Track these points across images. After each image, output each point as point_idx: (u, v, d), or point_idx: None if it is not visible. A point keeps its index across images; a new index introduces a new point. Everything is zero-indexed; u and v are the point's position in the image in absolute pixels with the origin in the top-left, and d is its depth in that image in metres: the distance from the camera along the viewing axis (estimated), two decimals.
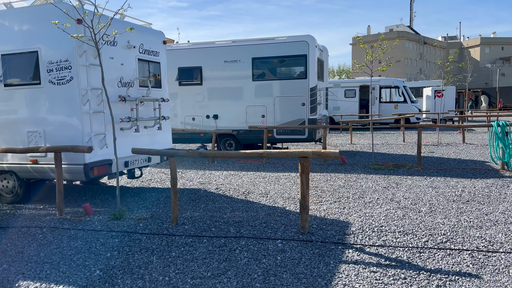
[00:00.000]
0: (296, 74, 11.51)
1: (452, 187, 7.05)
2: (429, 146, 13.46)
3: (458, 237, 4.45)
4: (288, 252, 4.09)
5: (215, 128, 12.10)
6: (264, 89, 11.72)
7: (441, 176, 8.11)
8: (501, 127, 8.56)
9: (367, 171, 8.91)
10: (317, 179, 8.16)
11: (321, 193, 6.84)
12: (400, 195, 6.58)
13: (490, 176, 8.00)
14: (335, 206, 5.92)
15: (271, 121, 11.66)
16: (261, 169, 9.61)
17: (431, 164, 9.69)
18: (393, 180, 7.81)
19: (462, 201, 6.07)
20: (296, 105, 11.47)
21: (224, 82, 12.05)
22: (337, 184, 7.61)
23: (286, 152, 4.56)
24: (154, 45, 7.34)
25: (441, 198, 6.28)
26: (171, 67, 12.40)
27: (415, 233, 4.60)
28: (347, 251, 4.10)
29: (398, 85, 23.37)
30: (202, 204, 6.19)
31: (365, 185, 7.46)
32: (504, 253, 3.98)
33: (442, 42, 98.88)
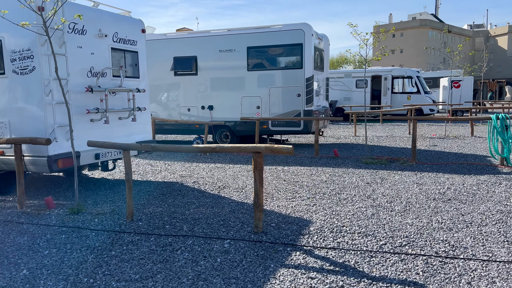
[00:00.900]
0: (291, 63, 11.15)
1: (439, 184, 6.65)
2: (433, 139, 12.91)
3: (421, 240, 4.12)
4: (232, 253, 3.86)
5: (210, 119, 11.91)
6: (259, 79, 11.41)
7: (433, 172, 7.68)
8: (500, 120, 8.03)
9: (357, 166, 8.55)
10: (302, 173, 7.87)
11: (298, 189, 6.56)
12: (380, 191, 6.24)
13: (486, 172, 7.53)
14: (306, 203, 5.65)
15: (266, 113, 11.37)
16: (250, 162, 9.38)
17: (428, 159, 9.23)
18: (380, 175, 7.45)
19: (443, 200, 5.69)
20: (291, 96, 11.14)
21: (219, 72, 11.80)
22: (320, 179, 7.30)
23: (239, 147, 4.31)
24: (131, 34, 7.15)
25: (422, 196, 5.91)
26: (167, 57, 12.26)
27: (375, 235, 4.29)
28: (294, 253, 3.85)
29: (411, 75, 22.57)
30: (170, 199, 6.02)
31: (348, 180, 7.13)
32: (463, 260, 3.64)
33: (468, 30, 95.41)
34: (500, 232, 4.36)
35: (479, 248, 3.92)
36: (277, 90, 11.24)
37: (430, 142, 12.31)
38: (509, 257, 3.70)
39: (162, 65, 12.26)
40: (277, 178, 7.44)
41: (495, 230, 4.43)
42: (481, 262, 3.61)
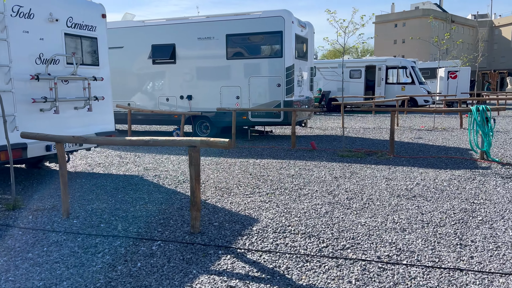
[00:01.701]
0: (271, 52, 10.75)
1: (409, 179, 6.31)
2: (420, 131, 12.52)
3: (367, 243, 3.80)
4: (156, 257, 3.55)
5: (189, 110, 11.56)
6: (238, 68, 11.03)
7: (408, 166, 7.33)
8: (480, 112, 7.64)
9: (332, 159, 8.21)
10: (272, 166, 7.54)
11: (261, 183, 6.24)
12: (344, 187, 5.91)
13: (463, 167, 7.17)
14: (262, 199, 5.33)
15: (246, 103, 11.01)
16: (230, 154, 9.05)
17: (408, 152, 8.87)
18: (352, 169, 7.11)
19: (407, 196, 5.35)
20: (271, 86, 10.76)
21: (198, 60, 11.41)
22: (288, 173, 6.97)
23: (174, 140, 3.97)
24: (88, 19, 6.78)
25: (386, 192, 5.57)
26: (145, 44, 11.87)
27: (320, 236, 3.97)
28: (225, 257, 3.53)
29: (405, 65, 22.04)
30: (121, 194, 5.71)
31: (316, 174, 6.80)
32: (404, 266, 3.32)
33: (472, 20, 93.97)
34: (456, 233, 4.03)
35: (428, 252, 3.59)
36: (257, 79, 10.86)
37: (416, 134, 11.93)
38: (456, 263, 3.38)
39: (140, 53, 11.88)
40: (245, 172, 7.12)
41: (452, 231, 4.10)
42: (423, 268, 3.28)
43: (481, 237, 3.93)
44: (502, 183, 5.98)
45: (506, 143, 9.87)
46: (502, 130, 12.46)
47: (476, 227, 4.22)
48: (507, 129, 12.62)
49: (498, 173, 6.63)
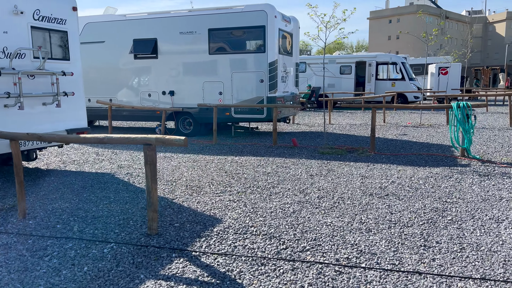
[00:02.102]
0: (254, 47, 10.57)
1: (386, 177, 6.18)
2: (406, 128, 12.42)
3: (328, 244, 3.67)
4: (106, 260, 3.40)
5: (172, 105, 11.37)
6: (221, 63, 10.84)
7: (387, 163, 7.21)
8: (461, 109, 7.53)
9: (312, 156, 8.07)
10: (249, 164, 7.39)
11: (235, 182, 6.09)
12: (318, 185, 5.77)
13: (442, 164, 7.06)
14: (231, 198, 5.18)
15: (229, 99, 10.83)
16: (210, 151, 8.89)
17: (390, 149, 8.76)
18: (329, 167, 6.97)
19: (380, 195, 5.23)
20: (254, 81, 10.58)
21: (180, 55, 11.21)
22: (264, 170, 6.83)
23: (128, 138, 3.80)
24: (57, 12, 6.56)
25: (359, 191, 5.44)
26: (126, 39, 11.64)
27: (281, 237, 3.83)
28: (177, 260, 3.39)
29: (396, 61, 21.93)
30: (87, 193, 5.54)
31: (293, 172, 6.66)
32: (362, 270, 3.19)
33: (466, 16, 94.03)
34: (423, 234, 3.91)
35: (389, 254, 3.47)
36: (240, 75, 10.69)
37: (402, 131, 11.82)
38: (417, 265, 3.26)
39: (122, 47, 11.65)
40: (221, 169, 6.96)
41: (418, 232, 3.97)
42: (381, 272, 3.16)
43: (447, 238, 3.81)
44: (478, 181, 5.87)
45: (490, 140, 9.78)
46: (488, 126, 12.39)
47: (444, 227, 4.10)
48: (493, 126, 12.55)
49: (476, 171, 6.52)
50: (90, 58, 12.19)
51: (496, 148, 8.59)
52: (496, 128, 11.89)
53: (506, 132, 11.08)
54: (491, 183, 5.76)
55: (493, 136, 10.38)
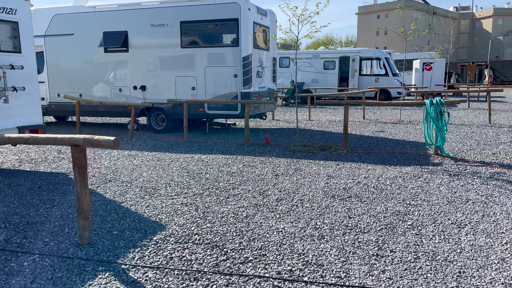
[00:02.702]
0: (227, 41, 10.21)
1: (353, 177, 5.92)
2: (384, 124, 12.21)
3: (273, 254, 3.38)
4: (22, 275, 3.06)
5: (143, 101, 10.98)
6: (194, 57, 10.47)
7: (358, 162, 6.96)
8: (434, 105, 7.30)
9: (283, 154, 7.79)
10: (216, 162, 7.07)
11: (195, 182, 5.77)
12: (280, 186, 5.49)
13: (414, 163, 6.83)
14: (185, 201, 4.86)
15: (202, 94, 10.48)
16: (178, 149, 8.55)
17: (364, 146, 8.51)
18: (298, 166, 6.69)
19: (342, 197, 4.96)
20: (227, 76, 10.24)
21: (151, 49, 10.81)
22: (229, 170, 6.52)
23: (55, 138, 3.46)
24: (6, 1, 6.14)
25: (322, 192, 5.17)
26: (96, 31, 11.19)
27: (225, 247, 3.53)
28: (102, 275, 3.06)
29: (379, 56, 21.73)
30: (31, 196, 5.17)
31: (259, 171, 6.36)
32: (303, 284, 2.90)
33: (454, 12, 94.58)
34: (378, 242, 3.65)
35: (337, 265, 3.19)
36: (213, 69, 10.33)
37: (380, 127, 11.61)
38: (364, 278, 2.99)
39: (92, 40, 11.20)
40: (183, 169, 6.63)
41: (374, 239, 3.71)
42: (324, 286, 2.88)
43: (402, 246, 3.55)
44: (447, 182, 5.64)
45: (467, 137, 9.61)
46: (468, 123, 12.24)
47: (403, 233, 3.85)
48: (472, 122, 12.40)
49: (446, 170, 6.30)
50: (59, 51, 11.74)
51: (471, 146, 8.40)
52: (475, 125, 11.74)
53: (484, 129, 10.93)
54: (459, 184, 5.53)
55: (471, 133, 10.21)
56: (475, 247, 3.52)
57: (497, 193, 5.09)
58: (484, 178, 5.83)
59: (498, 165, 6.63)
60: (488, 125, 11.77)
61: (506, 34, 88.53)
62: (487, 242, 3.62)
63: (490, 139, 9.20)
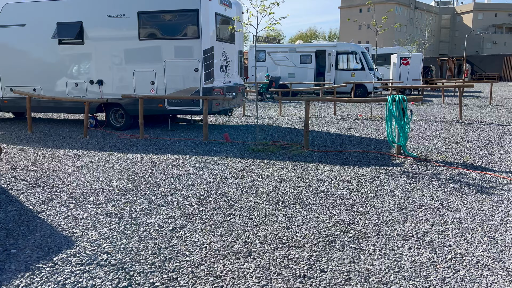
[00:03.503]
0: (187, 33, 9.66)
1: (306, 180, 5.52)
2: (354, 121, 11.89)
3: (186, 278, 2.94)
4: None
5: (101, 96, 10.38)
6: (152, 50, 9.90)
7: (316, 162, 6.57)
8: (396, 103, 6.95)
9: (240, 153, 7.35)
10: (165, 163, 6.59)
11: (131, 187, 5.28)
12: (225, 191, 5.05)
13: (374, 163, 6.48)
14: (110, 211, 4.38)
15: (162, 89, 9.94)
16: (130, 148, 8.03)
17: (328, 145, 8.14)
18: (252, 167, 6.26)
19: (287, 203, 4.55)
20: (188, 70, 9.71)
21: (108, 41, 10.20)
22: (175, 172, 6.05)
23: None
24: None
25: (266, 198, 4.76)
26: (49, 22, 10.51)
27: (132, 269, 3.08)
28: None
29: (356, 50, 21.42)
30: None
31: (208, 174, 5.91)
32: None
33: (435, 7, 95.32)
34: (310, 259, 3.24)
35: None
36: (173, 63, 9.79)
37: (349, 124, 11.27)
38: None
39: (45, 32, 10.52)
40: (127, 171, 6.13)
41: (307, 255, 3.31)
42: None
43: (336, 264, 3.16)
44: (403, 185, 5.29)
45: (435, 134, 9.34)
46: (439, 119, 12.01)
47: (340, 247, 3.46)
48: (444, 118, 12.19)
49: (405, 172, 5.96)
50: (11, 43, 11.02)
51: (437, 144, 8.11)
52: (445, 121, 11.51)
53: (454, 125, 10.70)
54: (415, 187, 5.19)
55: (439, 130, 9.95)
56: (415, 265, 3.15)
57: (453, 198, 4.76)
58: (442, 180, 5.51)
59: (460, 166, 6.33)
60: (458, 121, 11.56)
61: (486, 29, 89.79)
62: (430, 258, 3.26)
63: (458, 137, 8.95)
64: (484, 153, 7.22)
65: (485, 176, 5.70)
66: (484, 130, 9.79)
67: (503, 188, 5.13)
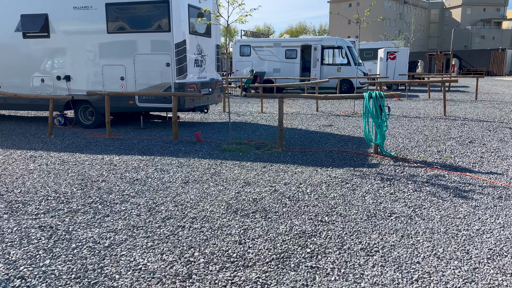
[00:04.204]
0: (158, 25, 9.15)
1: (273, 183, 5.10)
2: (336, 118, 11.50)
3: None
4: None
5: (68, 93, 9.84)
6: (122, 44, 9.37)
7: (288, 163, 6.15)
8: (373, 99, 6.55)
9: (209, 154, 6.91)
10: (126, 165, 6.12)
11: (81, 193, 4.81)
12: (182, 198, 4.61)
13: (349, 164, 6.08)
14: (46, 222, 3.91)
15: (132, 85, 9.43)
16: (93, 149, 7.53)
17: (305, 144, 7.72)
18: (219, 169, 5.82)
19: (246, 212, 4.13)
20: (159, 65, 9.21)
21: (75, 34, 9.64)
22: (134, 176, 5.58)
23: None
24: None
25: (225, 205, 4.32)
26: (13, 14, 9.91)
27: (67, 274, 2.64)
28: None
29: (341, 45, 21.00)
30: None
31: (169, 177, 5.46)
32: None
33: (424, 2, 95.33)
34: (257, 283, 2.82)
35: None
36: (143, 58, 9.27)
37: (330, 121, 10.87)
38: None
39: (8, 24, 9.92)
40: (80, 175, 5.65)
41: (254, 277, 2.88)
42: None
43: None
44: (376, 189, 4.90)
45: (417, 131, 8.98)
46: (423, 115, 11.68)
47: (295, 266, 3.04)
48: (428, 114, 11.85)
49: (381, 173, 5.58)
50: None
51: (418, 142, 7.75)
52: (429, 118, 11.18)
53: (438, 122, 10.36)
54: (389, 191, 4.80)
55: (422, 127, 9.60)
56: None
57: (428, 203, 4.38)
58: (419, 183, 5.13)
59: (439, 166, 5.97)
60: (442, 117, 11.24)
61: (475, 23, 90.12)
62: (393, 279, 2.87)
63: (440, 134, 8.60)
64: (466, 152, 6.87)
65: (464, 178, 5.33)
66: (467, 127, 9.46)
67: (482, 192, 4.76)
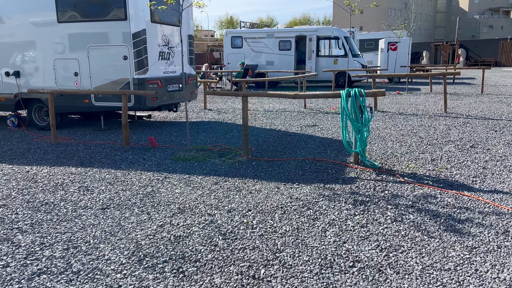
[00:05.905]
0: (113, 13, 7.99)
1: (216, 209, 3.97)
2: (322, 115, 10.30)
3: None
4: None
5: (18, 90, 8.75)
6: (74, 35, 8.24)
7: (247, 177, 5.01)
8: (352, 98, 5.36)
9: (157, 164, 5.78)
10: (47, 181, 5.02)
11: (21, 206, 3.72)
12: (78, 236, 3.49)
13: (321, 179, 4.92)
14: None
15: (87, 81, 8.31)
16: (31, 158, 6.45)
17: (277, 150, 6.56)
18: (155, 188, 4.70)
19: (155, 262, 3.00)
20: (116, 59, 8.07)
21: (23, 25, 8.52)
22: (44, 198, 4.48)
23: None
24: None
25: (131, 250, 3.20)
26: None
27: None
28: None
29: (338, 35, 19.67)
30: None
31: (84, 201, 4.35)
32: None
33: None
34: None
35: None
36: (98, 50, 8.14)
37: (315, 119, 9.68)
38: None
39: None
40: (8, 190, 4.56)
41: None
42: None
43: None
44: (344, 217, 3.74)
45: (411, 132, 7.78)
46: (421, 112, 10.44)
47: None
48: (427, 111, 10.61)
49: (356, 193, 4.42)
50: None
51: (410, 147, 6.57)
52: (427, 115, 9.94)
53: (436, 120, 9.13)
54: (361, 222, 3.65)
55: (418, 126, 8.39)
56: None
57: (408, 243, 3.23)
58: (402, 208, 3.97)
59: (431, 181, 4.80)
60: (442, 115, 10.00)
61: (483, 13, 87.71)
62: None
63: (437, 136, 7.40)
64: (465, 161, 5.68)
65: (461, 200, 4.16)
66: (470, 127, 8.24)
67: (482, 222, 3.60)
